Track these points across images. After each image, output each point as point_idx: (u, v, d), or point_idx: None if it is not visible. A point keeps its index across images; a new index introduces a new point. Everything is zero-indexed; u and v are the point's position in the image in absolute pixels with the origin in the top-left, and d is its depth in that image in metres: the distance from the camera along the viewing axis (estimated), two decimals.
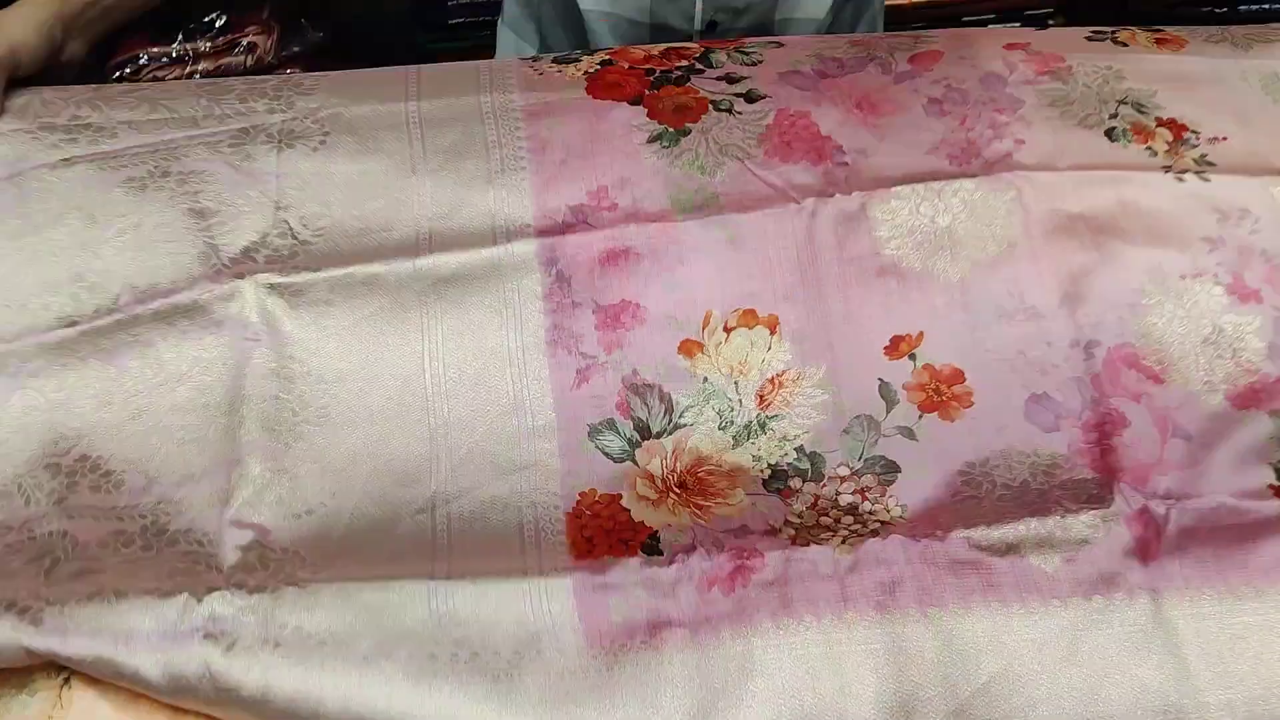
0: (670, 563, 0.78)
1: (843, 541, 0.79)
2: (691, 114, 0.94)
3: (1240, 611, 0.77)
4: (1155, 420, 0.82)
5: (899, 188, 0.90)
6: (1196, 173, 0.93)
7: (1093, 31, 1.04)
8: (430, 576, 0.78)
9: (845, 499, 0.79)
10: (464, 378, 0.79)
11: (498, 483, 0.77)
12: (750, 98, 0.95)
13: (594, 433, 0.79)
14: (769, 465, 0.79)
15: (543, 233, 0.85)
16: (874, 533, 0.79)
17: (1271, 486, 0.81)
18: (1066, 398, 0.83)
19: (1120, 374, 0.84)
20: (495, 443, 0.78)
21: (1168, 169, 0.93)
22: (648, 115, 0.93)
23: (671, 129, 0.93)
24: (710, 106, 0.95)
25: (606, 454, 0.79)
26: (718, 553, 0.78)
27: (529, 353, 0.80)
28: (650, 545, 0.79)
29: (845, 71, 0.98)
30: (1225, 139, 0.96)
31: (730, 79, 0.97)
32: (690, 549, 0.78)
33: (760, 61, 0.98)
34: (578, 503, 0.79)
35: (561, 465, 0.78)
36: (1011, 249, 0.88)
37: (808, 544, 0.78)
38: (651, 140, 0.92)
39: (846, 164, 0.92)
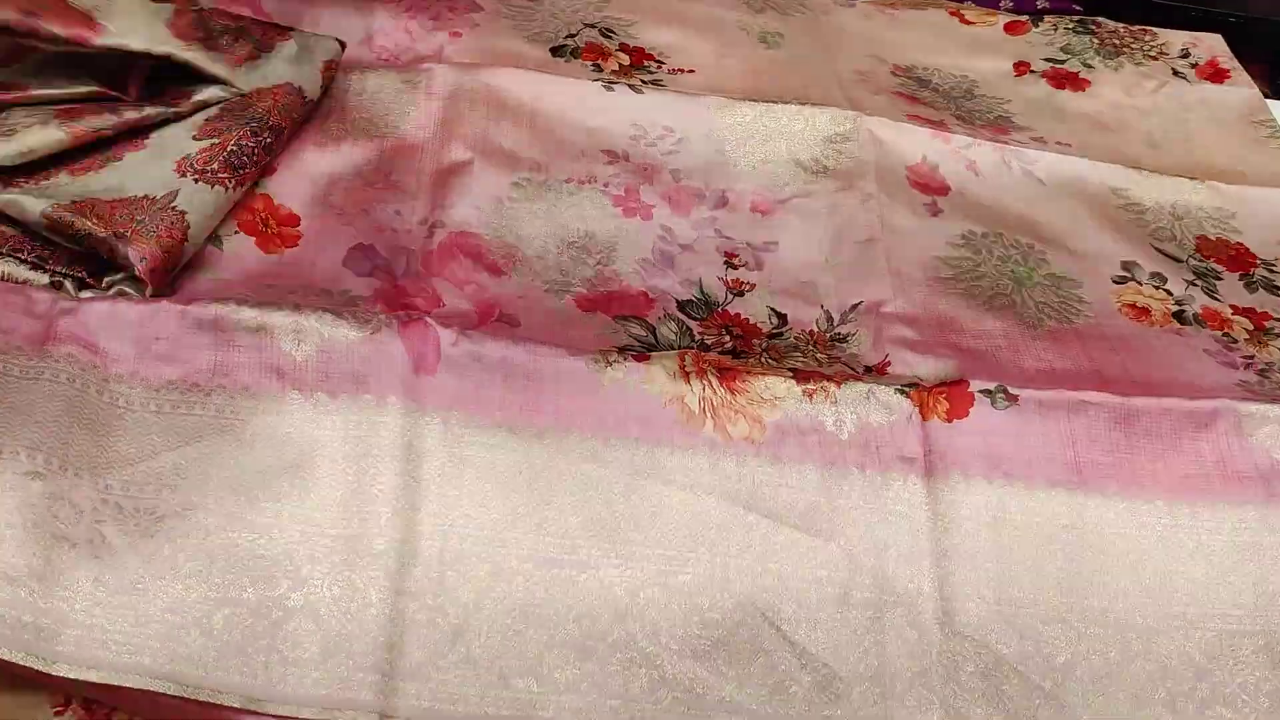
0: None
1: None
2: None
3: (500, 446, 0.63)
4: (479, 308, 0.71)
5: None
6: (630, 85, 0.84)
7: None
8: None
9: None
10: None
11: None
12: None
13: None
14: None
15: None
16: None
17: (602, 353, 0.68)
18: (393, 258, 0.72)
19: (452, 260, 0.73)
20: None
21: (599, 80, 0.84)
22: None
23: None
24: None
25: None
26: None
27: None
28: None
29: None
30: (692, 71, 0.88)
31: None
32: None
33: None
34: None
35: None
36: (401, 133, 0.79)
37: None
38: None
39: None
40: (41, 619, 0.55)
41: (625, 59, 0.88)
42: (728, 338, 0.73)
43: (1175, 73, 1.01)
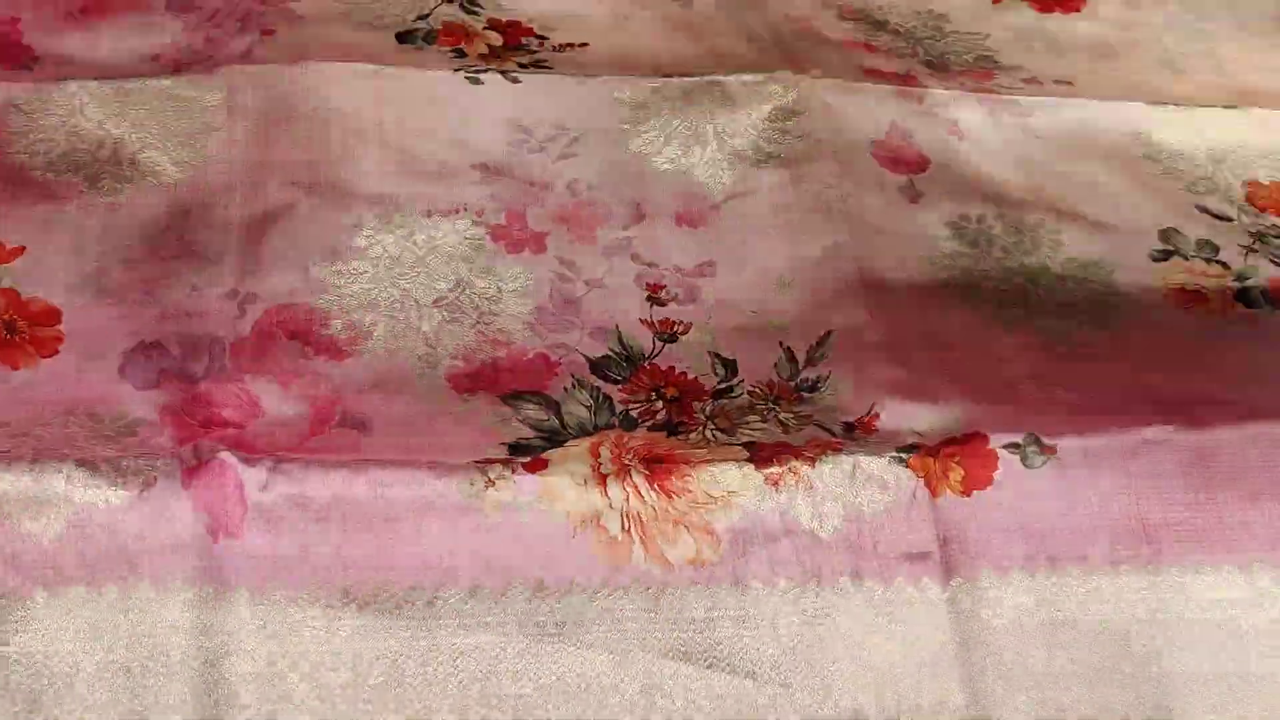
0: None
1: None
2: None
3: (342, 630, 0.45)
4: (314, 409, 0.52)
5: (69, 82, 0.64)
6: (504, 73, 0.66)
7: None
8: None
9: None
10: None
11: None
12: None
13: None
14: None
15: None
16: None
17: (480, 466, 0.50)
18: (189, 355, 0.53)
19: (273, 346, 0.54)
20: None
21: (462, 69, 0.66)
22: None
23: None
24: None
25: None
26: None
27: None
28: None
29: None
30: (585, 45, 0.70)
31: None
32: None
33: None
34: None
35: None
36: (196, 170, 0.60)
37: None
38: None
39: (30, 70, 0.66)
40: None
41: (496, 38, 0.70)
42: (660, 403, 0.55)
43: None
